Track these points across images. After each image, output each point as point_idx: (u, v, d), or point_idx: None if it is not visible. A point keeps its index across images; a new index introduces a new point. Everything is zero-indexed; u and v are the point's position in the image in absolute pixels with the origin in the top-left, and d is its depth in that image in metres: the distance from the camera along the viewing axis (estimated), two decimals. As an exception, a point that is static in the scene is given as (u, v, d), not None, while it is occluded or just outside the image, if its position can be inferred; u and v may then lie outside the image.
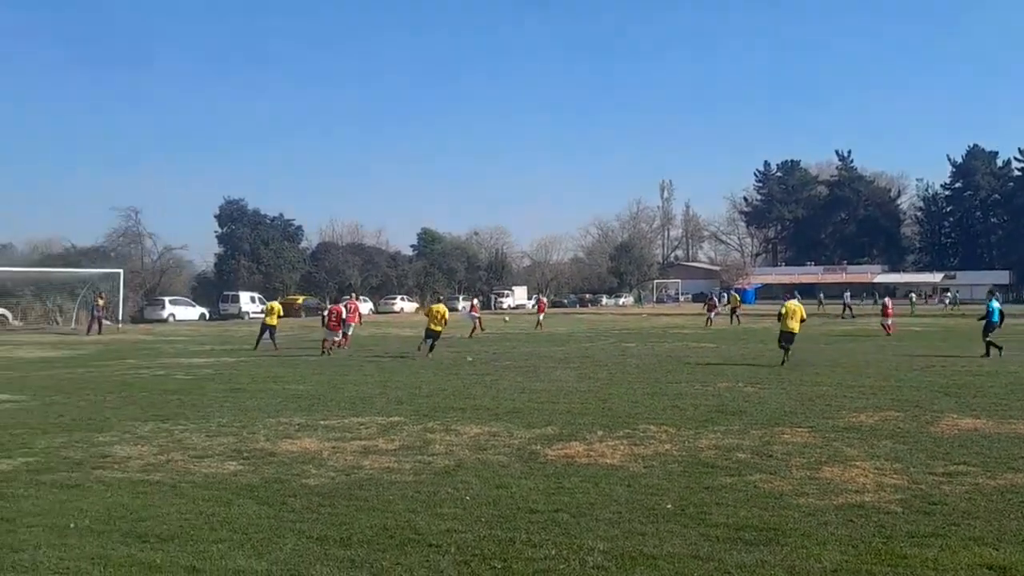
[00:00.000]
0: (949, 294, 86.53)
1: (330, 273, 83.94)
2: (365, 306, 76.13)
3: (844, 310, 59.54)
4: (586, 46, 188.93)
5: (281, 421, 12.96)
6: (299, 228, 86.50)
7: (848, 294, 68.08)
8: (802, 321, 23.04)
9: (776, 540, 6.79)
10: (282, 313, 32.20)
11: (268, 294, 71.92)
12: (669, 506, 7.83)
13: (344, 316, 28.53)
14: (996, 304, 25.80)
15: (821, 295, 76.46)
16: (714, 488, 8.53)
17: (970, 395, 15.57)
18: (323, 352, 26.22)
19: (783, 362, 21.86)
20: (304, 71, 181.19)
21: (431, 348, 25.43)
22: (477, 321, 38.67)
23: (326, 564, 6.32)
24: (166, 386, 17.89)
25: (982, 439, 11.08)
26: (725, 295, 75.66)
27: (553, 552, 6.54)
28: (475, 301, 42.62)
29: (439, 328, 25.52)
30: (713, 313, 46.94)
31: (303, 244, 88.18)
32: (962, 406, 14.12)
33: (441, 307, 26.15)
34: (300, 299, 72.19)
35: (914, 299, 74.69)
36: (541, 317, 43.96)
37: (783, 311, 23.18)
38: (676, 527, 7.18)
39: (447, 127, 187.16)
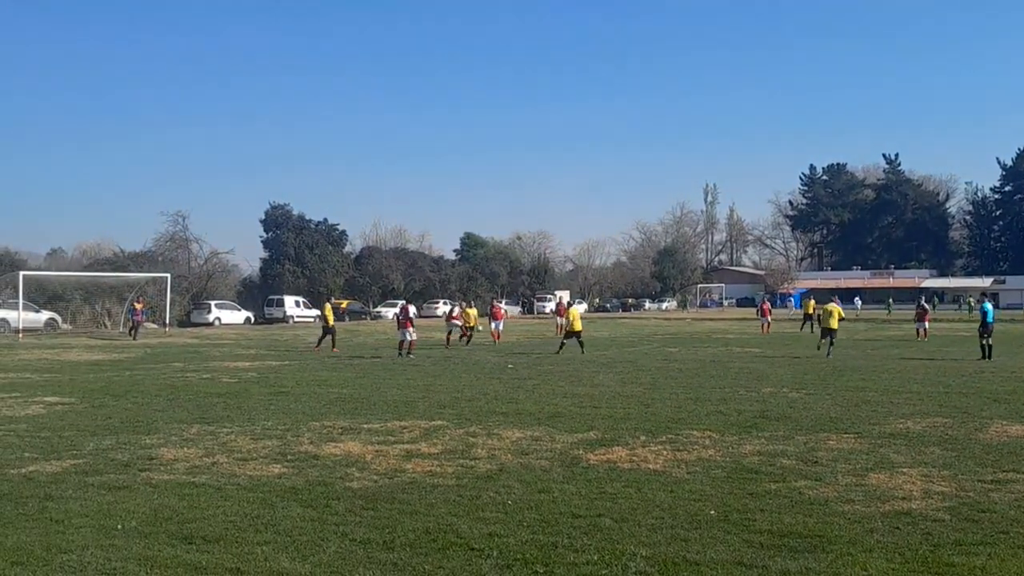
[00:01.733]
0: (971, 300, 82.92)
1: (373, 277, 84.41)
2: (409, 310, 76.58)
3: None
4: (630, 44, 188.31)
5: (325, 424, 13.05)
6: (343, 233, 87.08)
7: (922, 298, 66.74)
8: (841, 320, 27.65)
9: (821, 547, 6.72)
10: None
11: (312, 298, 72.53)
12: (712, 512, 7.78)
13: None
14: (989, 306, 26.85)
15: (858, 300, 75.37)
16: (758, 494, 8.46)
17: (1020, 401, 15.32)
18: (400, 354, 27.11)
19: (826, 351, 26.21)
20: (349, 78, 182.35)
21: (581, 347, 28.38)
22: (459, 329, 35.48)
23: (369, 567, 6.35)
24: (212, 389, 18.09)
25: (1033, 446, 10.90)
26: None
27: (595, 557, 6.52)
28: (456, 309, 38.25)
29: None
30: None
31: (347, 249, 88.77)
32: (1011, 412, 13.90)
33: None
34: (345, 303, 72.62)
35: (972, 303, 73.07)
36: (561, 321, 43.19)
37: (825, 310, 27.85)
38: (719, 533, 7.13)
39: (491, 131, 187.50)
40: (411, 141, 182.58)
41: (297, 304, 67.12)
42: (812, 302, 47.91)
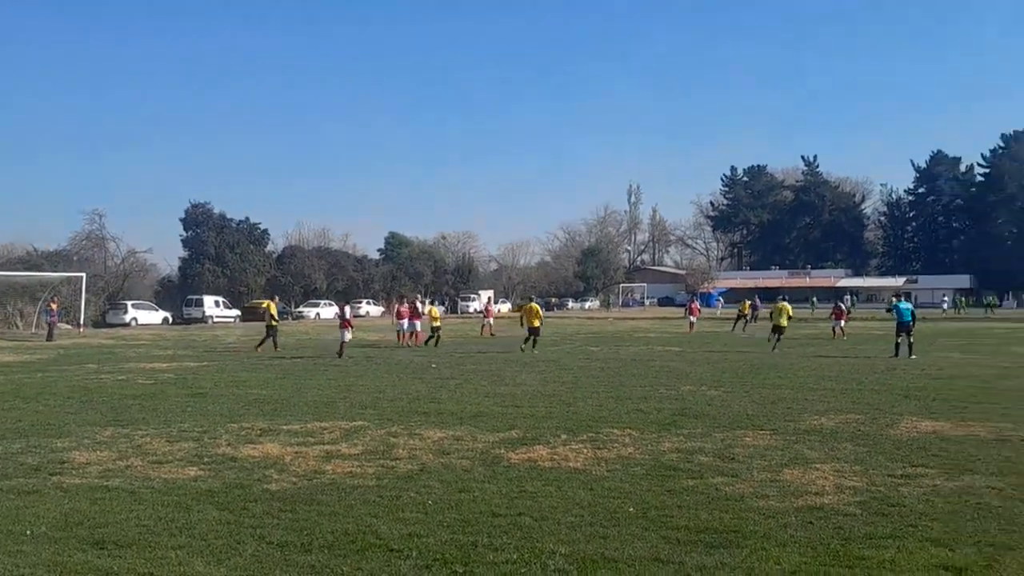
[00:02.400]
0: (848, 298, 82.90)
1: (296, 277, 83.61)
2: (331, 310, 76.00)
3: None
4: (556, 49, 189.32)
5: (243, 426, 12.86)
6: (265, 232, 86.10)
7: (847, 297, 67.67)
8: (790, 318, 31.09)
9: (736, 542, 6.83)
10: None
11: (232, 298, 71.52)
12: (631, 509, 7.85)
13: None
14: (907, 305, 27.13)
15: (814, 299, 76.83)
16: (676, 491, 8.56)
17: (929, 398, 15.75)
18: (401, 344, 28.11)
19: (772, 346, 28.85)
20: (270, 72, 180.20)
21: (534, 344, 28.49)
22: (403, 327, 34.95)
23: (286, 570, 6.29)
24: (127, 391, 17.71)
25: (940, 441, 11.21)
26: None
27: (515, 556, 6.54)
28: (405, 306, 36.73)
29: (537, 324, 29.11)
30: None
31: (269, 248, 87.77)
32: (921, 409, 14.29)
33: (535, 305, 30.50)
34: (265, 303, 71.69)
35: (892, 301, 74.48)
36: (491, 321, 43.75)
37: (776, 308, 31.17)
38: (638, 530, 7.20)
39: (416, 131, 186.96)
40: (334, 141, 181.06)
41: (217, 304, 66.08)
42: (747, 303, 48.81)
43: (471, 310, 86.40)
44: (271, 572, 6.25)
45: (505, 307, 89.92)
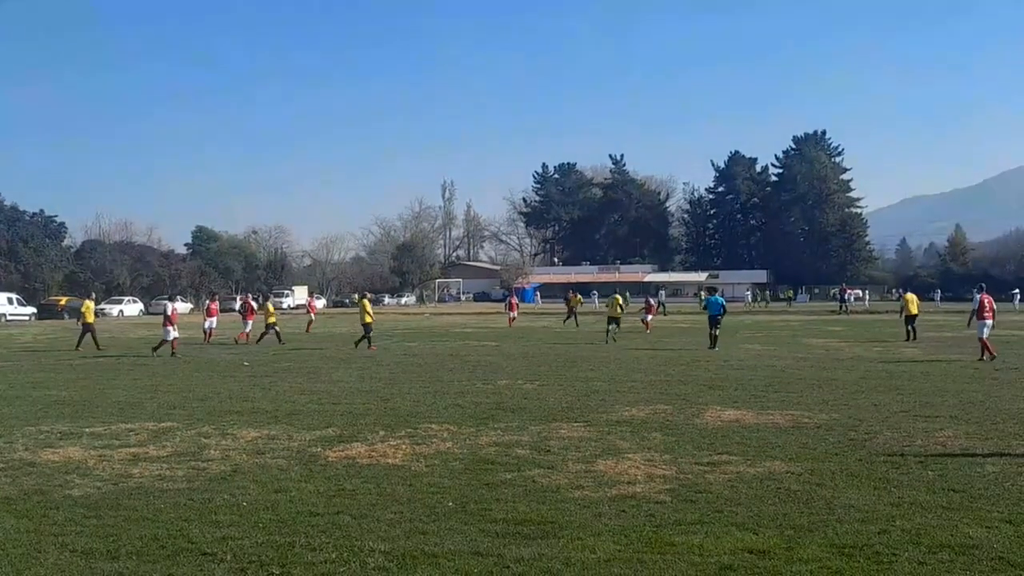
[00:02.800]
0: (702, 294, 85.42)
1: (96, 273, 79.98)
2: (135, 307, 72.91)
3: (841, 306, 62.01)
4: (371, 43, 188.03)
5: (42, 429, 12.19)
6: (62, 225, 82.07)
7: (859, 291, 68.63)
8: (621, 308, 33.29)
9: (553, 533, 6.97)
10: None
11: (27, 295, 67.70)
12: (450, 504, 7.89)
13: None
14: (717, 299, 28.62)
15: (662, 293, 78.41)
16: (494, 484, 8.66)
17: (732, 388, 16.49)
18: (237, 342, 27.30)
19: (611, 337, 30.34)
20: (67, 57, 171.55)
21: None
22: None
23: (91, 579, 6.00)
24: (-91, 395, 16.48)
25: (743, 429, 11.76)
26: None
27: (334, 555, 6.46)
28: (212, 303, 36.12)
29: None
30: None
31: (66, 242, 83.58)
32: (724, 399, 14.94)
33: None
34: (64, 300, 68.31)
35: (703, 296, 76.98)
36: (313, 317, 43.39)
37: (610, 302, 33.97)
38: (457, 524, 7.24)
39: (222, 122, 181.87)
40: (137, 132, 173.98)
41: (10, 302, 62.27)
42: (578, 297, 49.41)
43: (285, 306, 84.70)
44: (75, 583, 5.96)
45: (320, 303, 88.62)
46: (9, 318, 59.75)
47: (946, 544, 6.62)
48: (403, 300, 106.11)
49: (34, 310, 63.95)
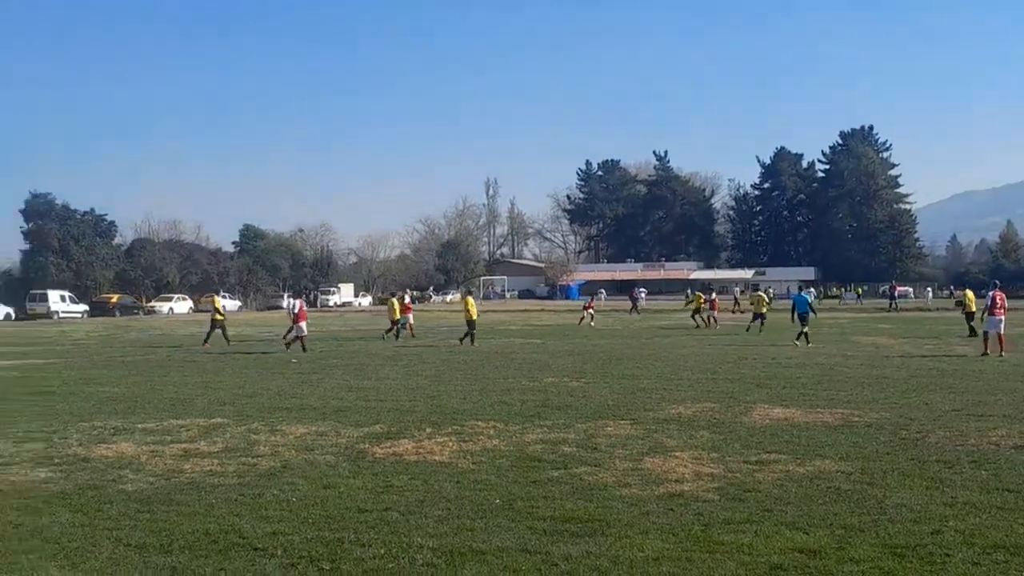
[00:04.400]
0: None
1: (146, 271, 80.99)
2: (185, 304, 73.77)
3: (890, 303, 61.27)
4: (414, 41, 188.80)
5: (95, 425, 12.39)
6: (112, 224, 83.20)
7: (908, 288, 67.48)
8: (767, 304, 35.29)
9: (600, 531, 6.96)
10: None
11: (79, 292, 68.83)
12: (497, 501, 7.91)
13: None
14: (804, 296, 29.51)
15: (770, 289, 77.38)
16: (541, 482, 8.66)
17: (780, 386, 16.35)
18: (304, 349, 25.78)
19: (760, 331, 32.28)
20: (121, 63, 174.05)
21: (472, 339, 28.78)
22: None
23: (145, 572, 6.10)
24: (-34, 391, 16.84)
25: (792, 428, 11.65)
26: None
27: (382, 551, 6.50)
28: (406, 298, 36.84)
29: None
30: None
31: (117, 240, 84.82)
32: (772, 397, 14.82)
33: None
34: (115, 298, 69.36)
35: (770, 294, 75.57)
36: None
37: (756, 299, 35.86)
38: (504, 521, 7.25)
39: (270, 123, 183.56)
40: (187, 130, 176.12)
41: (63, 299, 63.46)
42: (700, 296, 49.50)
43: (331, 304, 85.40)
44: (129, 574, 6.05)
45: (366, 301, 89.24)
46: (62, 315, 60.84)
47: (1000, 544, 6.52)
48: (448, 297, 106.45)
49: (86, 307, 65.03)
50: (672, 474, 8.93)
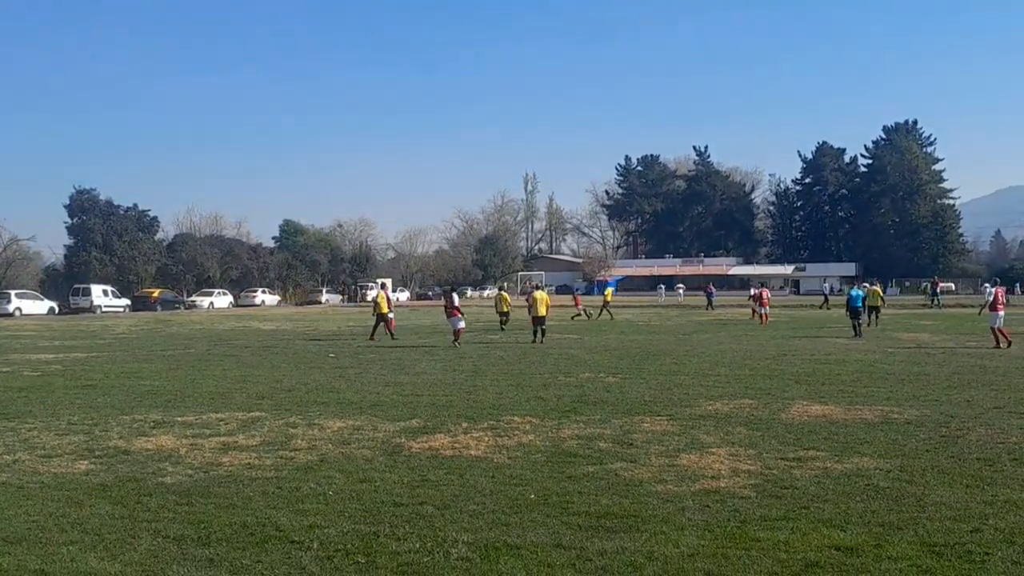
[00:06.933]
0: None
1: (188, 265, 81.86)
2: (225, 299, 74.46)
3: (932, 299, 61.27)
4: (448, 39, 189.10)
5: (136, 418, 12.56)
6: (155, 219, 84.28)
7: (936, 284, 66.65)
8: (882, 299, 36.83)
9: (636, 527, 6.94)
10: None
11: (121, 287, 69.70)
12: (532, 496, 7.91)
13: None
14: (857, 292, 31.23)
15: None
16: (576, 477, 8.66)
17: (819, 382, 16.21)
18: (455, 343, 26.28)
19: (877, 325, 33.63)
20: (164, 58, 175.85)
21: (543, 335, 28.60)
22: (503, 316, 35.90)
23: (183, 564, 6.17)
24: (12, 383, 17.13)
25: (830, 425, 11.56)
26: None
27: (417, 545, 6.53)
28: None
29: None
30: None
31: (159, 235, 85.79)
32: (811, 393, 14.69)
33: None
34: (156, 292, 70.17)
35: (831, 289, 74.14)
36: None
37: (870, 292, 34.95)
38: (539, 517, 7.26)
39: (309, 119, 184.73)
40: (228, 126, 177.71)
41: (105, 293, 64.32)
42: (610, 290, 50.08)
43: (370, 299, 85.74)
44: (168, 566, 6.12)
45: (404, 295, 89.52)
46: (104, 309, 61.66)
47: (1042, 544, 6.43)
48: (486, 293, 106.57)
49: (128, 302, 65.85)
50: (708, 470, 8.89)
